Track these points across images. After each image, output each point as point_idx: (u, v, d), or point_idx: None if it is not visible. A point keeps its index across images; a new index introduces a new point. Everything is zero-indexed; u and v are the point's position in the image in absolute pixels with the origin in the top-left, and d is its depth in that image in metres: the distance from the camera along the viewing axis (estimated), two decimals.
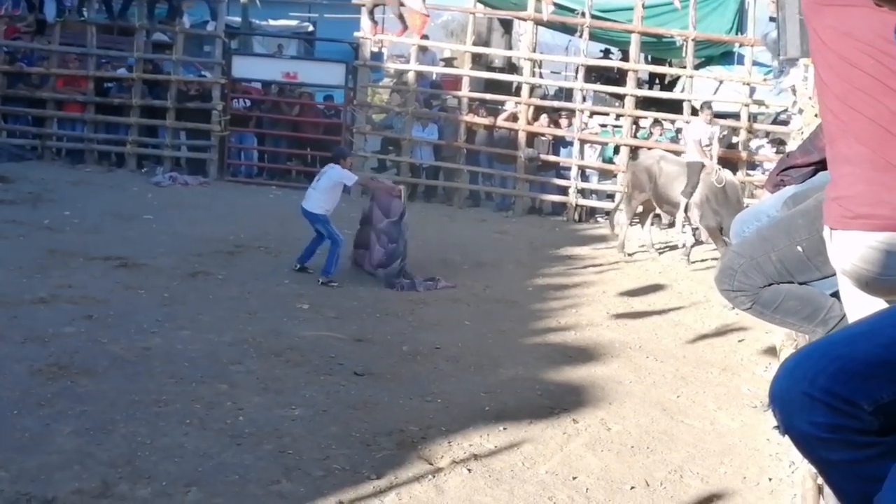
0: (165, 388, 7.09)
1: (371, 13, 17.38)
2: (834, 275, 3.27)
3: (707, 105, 14.55)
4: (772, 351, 8.78)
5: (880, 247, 2.55)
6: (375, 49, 18.28)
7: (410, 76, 17.84)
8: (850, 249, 2.62)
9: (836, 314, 3.53)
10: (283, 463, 5.99)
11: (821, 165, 3.79)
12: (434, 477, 5.99)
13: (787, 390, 1.87)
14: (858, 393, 1.75)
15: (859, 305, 2.79)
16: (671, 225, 15.13)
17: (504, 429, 6.85)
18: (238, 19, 21.18)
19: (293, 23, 25.58)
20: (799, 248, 3.47)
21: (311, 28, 26.06)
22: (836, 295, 3.51)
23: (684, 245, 13.92)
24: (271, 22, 24.44)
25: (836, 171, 2.71)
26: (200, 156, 18.46)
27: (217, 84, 18.23)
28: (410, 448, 6.41)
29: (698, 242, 13.75)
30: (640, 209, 14.56)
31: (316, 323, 9.34)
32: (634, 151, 16.31)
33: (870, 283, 2.65)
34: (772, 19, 12.02)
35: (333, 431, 6.57)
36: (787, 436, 1.93)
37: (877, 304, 2.72)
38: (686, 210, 13.26)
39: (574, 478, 6.16)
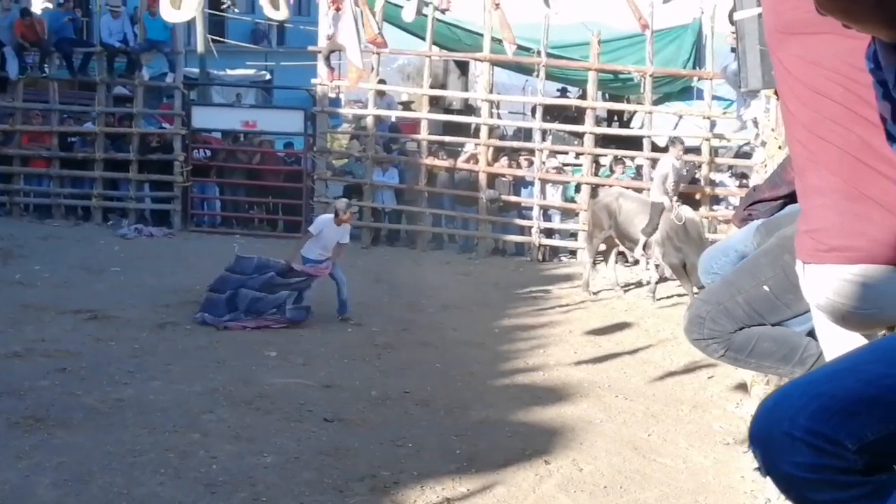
0: (139, 438, 7.17)
1: (327, 59, 17.37)
2: (806, 312, 3.20)
3: (679, 140, 14.61)
4: (742, 387, 8.76)
5: (855, 279, 2.49)
6: (333, 95, 18.28)
7: (369, 121, 17.82)
8: (824, 283, 2.56)
9: (813, 353, 3.45)
10: None
11: (789, 199, 3.74)
12: None
13: (767, 430, 1.79)
14: (842, 431, 1.69)
15: (836, 341, 2.72)
16: (636, 262, 15.13)
17: (476, 471, 6.81)
18: (196, 70, 21.21)
19: (250, 72, 25.64)
20: (766, 288, 3.40)
21: (268, 76, 26.13)
22: (810, 334, 3.46)
23: (648, 282, 13.91)
24: (229, 71, 24.49)
25: (806, 203, 2.65)
26: (164, 207, 18.41)
27: (178, 135, 18.20)
28: (383, 493, 6.38)
29: (662, 279, 13.75)
30: (603, 247, 14.57)
31: (284, 370, 9.36)
32: (595, 190, 16.34)
33: (846, 318, 2.59)
34: (732, 51, 12.13)
35: (306, 478, 6.58)
36: (768, 477, 1.84)
37: (854, 339, 2.66)
38: (645, 248, 13.25)
39: None
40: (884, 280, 2.45)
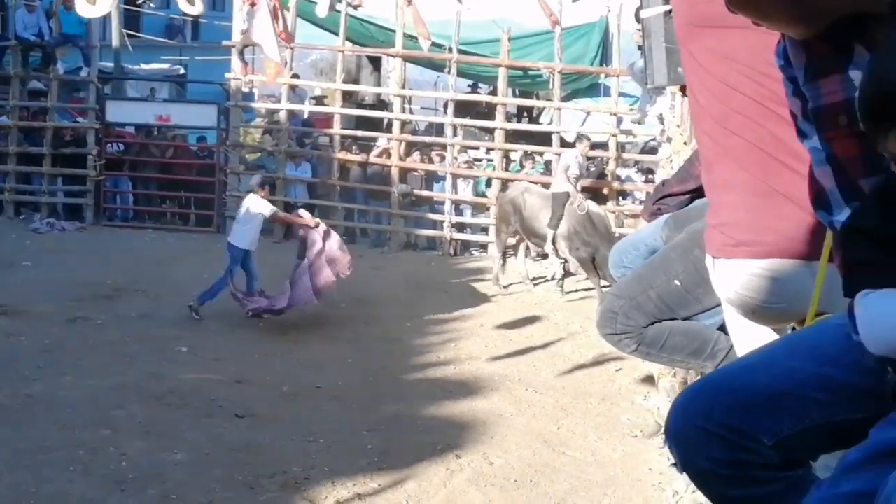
0: (49, 435, 7.01)
1: (241, 54, 17.28)
2: (716, 306, 3.24)
3: (585, 137, 14.81)
4: (650, 379, 8.94)
5: (765, 274, 2.49)
6: (246, 89, 18.16)
7: (282, 115, 17.74)
8: (734, 278, 2.56)
9: (724, 347, 3.49)
10: None
11: (697, 193, 3.78)
12: None
13: (682, 426, 1.78)
14: (756, 426, 1.69)
15: (746, 335, 2.72)
16: (545, 256, 15.30)
17: (387, 467, 6.82)
18: (111, 64, 20.93)
19: (165, 66, 25.35)
20: (676, 283, 3.44)
21: (182, 71, 25.87)
22: (721, 327, 3.48)
23: (556, 277, 14.07)
24: (143, 66, 24.18)
25: (715, 197, 2.66)
26: (77, 201, 18.27)
27: (92, 129, 17.94)
28: (294, 490, 6.36)
29: (568, 273, 13.91)
30: (513, 241, 14.70)
31: (195, 365, 9.27)
32: (506, 184, 16.47)
33: (756, 312, 2.59)
34: (639, 48, 12.28)
35: (217, 474, 6.52)
36: (685, 473, 1.85)
37: (764, 333, 2.68)
38: (554, 242, 13.40)
39: None
40: (793, 274, 2.47)
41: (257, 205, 11.32)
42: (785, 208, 2.43)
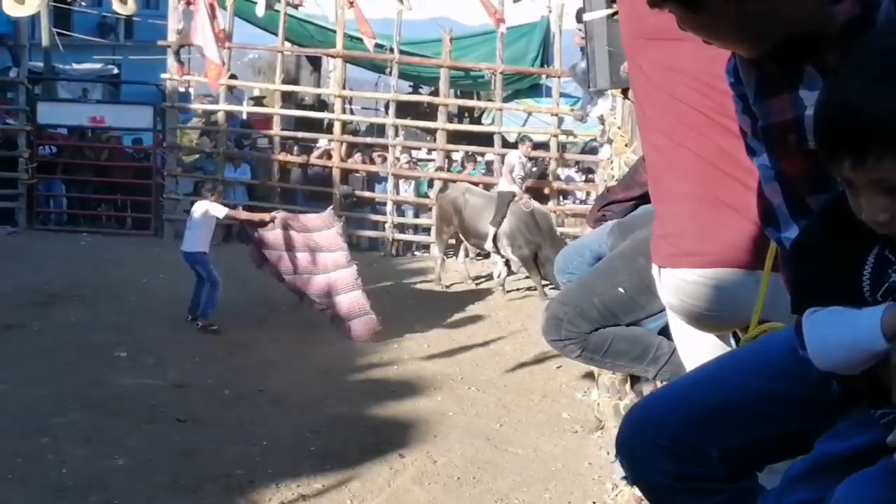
0: None
1: (177, 54, 17.08)
2: (659, 312, 3.31)
3: (527, 138, 14.90)
4: (590, 376, 9.01)
5: (710, 283, 2.53)
6: (182, 90, 17.94)
7: (220, 116, 17.57)
8: (679, 287, 2.59)
9: (665, 351, 3.56)
10: None
11: (641, 200, 3.83)
12: None
13: (632, 440, 1.81)
14: (705, 440, 1.72)
15: (690, 341, 2.77)
16: (486, 255, 15.37)
17: (331, 467, 6.84)
18: (41, 64, 20.47)
19: (97, 66, 24.88)
20: (621, 290, 3.50)
21: (115, 71, 25.42)
22: (662, 332, 3.56)
23: (498, 276, 14.14)
24: (75, 66, 23.71)
25: (662, 207, 2.68)
26: (8, 205, 17.65)
27: (22, 131, 17.49)
28: (238, 493, 6.36)
29: (510, 272, 13.99)
30: (453, 241, 14.75)
31: (135, 371, 9.20)
32: (447, 185, 16.50)
33: (700, 320, 2.63)
34: (582, 50, 12.38)
35: (159, 480, 6.49)
36: (635, 486, 1.89)
37: (707, 340, 2.73)
38: (496, 240, 13.46)
39: None
40: (737, 283, 2.50)
41: (211, 209, 11.19)
42: (730, 219, 2.46)
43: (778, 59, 1.55)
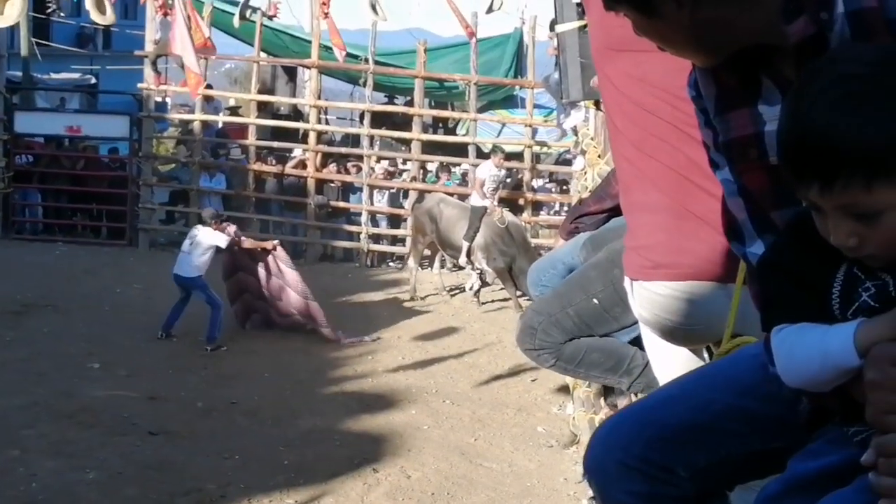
0: None
1: (154, 64, 17.05)
2: (633, 324, 3.27)
3: (499, 149, 14.92)
4: (565, 389, 9.00)
5: (682, 296, 2.52)
6: (159, 99, 17.87)
7: (196, 126, 17.51)
8: (651, 300, 2.58)
9: (639, 363, 3.56)
10: None
11: (613, 212, 3.86)
12: None
13: (601, 460, 1.78)
14: (674, 459, 1.69)
15: (662, 355, 2.76)
16: (461, 267, 15.37)
17: (304, 482, 6.78)
18: (19, 73, 20.35)
19: (75, 75, 24.82)
20: (595, 301, 3.50)
21: (93, 80, 25.31)
22: (635, 342, 3.55)
23: (472, 288, 14.12)
24: (53, 75, 23.63)
25: (633, 219, 2.68)
26: None
27: None
28: None
29: (485, 284, 13.98)
30: (428, 252, 14.74)
31: (107, 382, 9.10)
32: (422, 195, 16.49)
33: (673, 333, 2.62)
34: (556, 63, 12.40)
35: (130, 494, 6.43)
36: None
37: (680, 354, 2.72)
38: (469, 254, 13.46)
39: None
40: (709, 297, 2.49)
41: (210, 237, 11.06)
42: (701, 231, 2.45)
43: (735, 71, 1.55)
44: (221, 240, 11.12)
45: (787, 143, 1.28)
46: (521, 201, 16.91)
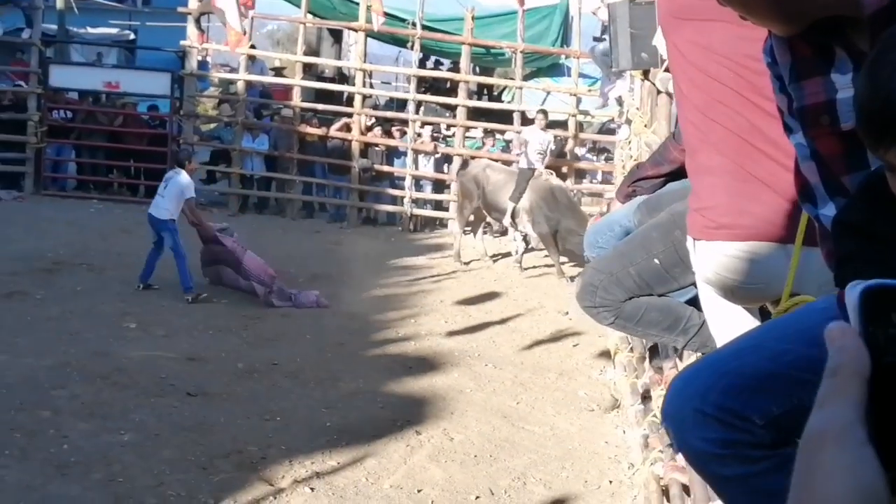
0: None
1: (198, 21, 16.98)
2: (689, 286, 3.36)
3: (542, 112, 14.81)
4: (606, 355, 8.96)
5: (743, 256, 2.60)
6: (200, 58, 17.80)
7: (240, 85, 17.48)
8: (713, 259, 2.66)
9: (696, 322, 3.61)
10: (113, 492, 5.74)
11: (670, 177, 3.89)
12: (275, 498, 5.85)
13: (678, 408, 1.86)
14: (750, 407, 1.76)
15: (720, 314, 2.84)
16: (504, 233, 15.29)
17: (346, 444, 6.76)
18: (54, 27, 20.20)
19: (113, 30, 24.67)
20: (656, 261, 3.55)
21: (132, 36, 25.21)
22: (690, 303, 3.61)
23: (516, 252, 14.08)
24: (90, 29, 23.52)
25: (697, 182, 2.76)
26: (15, 169, 17.47)
27: (33, 94, 17.34)
28: (250, 469, 6.24)
29: (528, 249, 13.93)
30: (471, 218, 14.69)
31: (144, 342, 8.98)
32: (466, 162, 16.42)
33: (734, 292, 2.70)
34: (602, 34, 12.30)
35: (167, 456, 6.33)
36: (680, 453, 1.91)
37: (737, 312, 2.79)
38: (514, 216, 13.41)
39: (419, 490, 6.12)
40: (769, 257, 2.57)
41: (187, 190, 10.98)
42: (762, 194, 2.55)
43: (811, 42, 1.61)
44: (188, 191, 10.97)
45: (866, 108, 1.29)
46: (565, 169, 16.82)
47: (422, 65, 18.35)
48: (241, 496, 5.80)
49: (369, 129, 17.39)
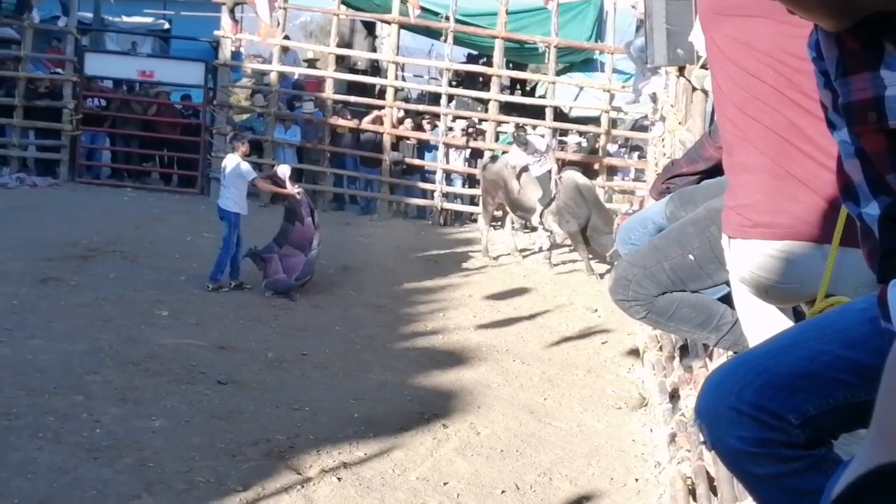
0: (16, 400, 6.75)
1: (232, 12, 17.06)
2: (723, 282, 3.34)
3: (520, 130, 14.80)
4: (634, 353, 8.95)
5: (779, 255, 2.58)
6: (233, 48, 17.89)
7: (273, 77, 17.54)
8: (748, 258, 2.65)
9: (728, 320, 3.59)
10: (143, 477, 5.78)
11: (706, 174, 3.87)
12: (303, 487, 5.88)
13: (713, 405, 1.86)
14: (785, 406, 1.76)
15: (753, 312, 2.82)
16: (533, 229, 15.30)
17: (374, 435, 6.78)
18: (90, 15, 20.29)
19: (148, 20, 24.85)
20: (691, 257, 3.53)
21: (167, 26, 25.35)
22: (723, 301, 3.59)
23: (541, 248, 14.07)
24: (125, 18, 23.67)
25: (734, 179, 2.74)
26: (51, 156, 17.67)
27: (69, 82, 17.48)
28: (278, 458, 6.28)
29: (555, 246, 13.89)
30: (500, 213, 14.68)
31: (176, 330, 9.05)
32: (493, 158, 16.38)
33: (768, 291, 2.68)
34: (639, 28, 12.26)
35: (196, 443, 6.38)
36: (714, 451, 1.92)
37: (770, 311, 2.78)
38: (542, 216, 13.38)
39: (445, 483, 6.14)
40: (805, 256, 2.55)
41: (242, 169, 10.98)
42: (800, 192, 2.53)
43: (860, 37, 1.57)
44: (248, 174, 10.98)
45: None
46: (596, 166, 16.78)
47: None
48: (268, 484, 5.83)
49: (400, 121, 17.41)
